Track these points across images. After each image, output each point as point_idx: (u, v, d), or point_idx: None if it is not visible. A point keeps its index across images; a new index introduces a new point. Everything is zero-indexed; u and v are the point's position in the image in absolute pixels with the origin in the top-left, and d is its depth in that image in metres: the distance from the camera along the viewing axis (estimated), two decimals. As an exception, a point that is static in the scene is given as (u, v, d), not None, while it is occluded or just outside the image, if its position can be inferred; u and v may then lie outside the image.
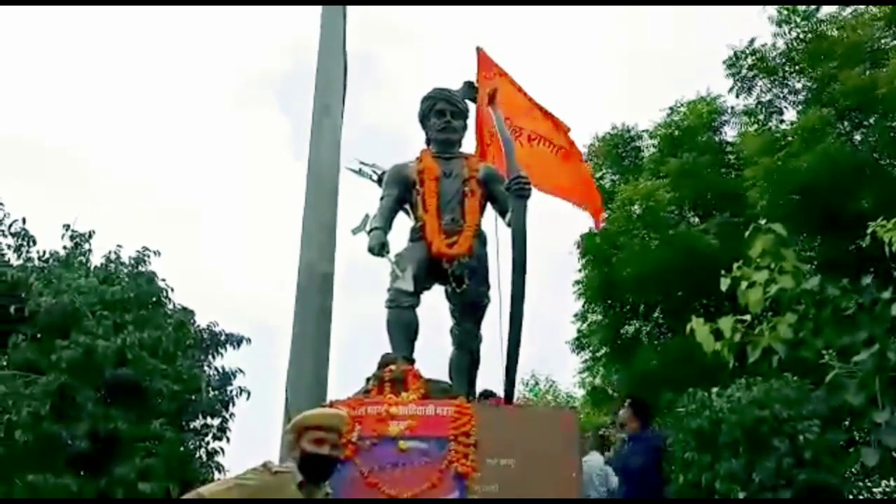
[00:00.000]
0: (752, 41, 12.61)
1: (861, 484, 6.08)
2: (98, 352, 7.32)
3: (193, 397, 8.45)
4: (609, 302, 13.33)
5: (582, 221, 14.53)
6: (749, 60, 12.58)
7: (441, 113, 5.84)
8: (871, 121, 11.46)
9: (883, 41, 11.45)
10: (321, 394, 5.39)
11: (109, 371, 7.40)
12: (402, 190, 5.70)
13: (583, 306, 14.10)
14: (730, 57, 12.69)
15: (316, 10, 6.87)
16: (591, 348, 14.27)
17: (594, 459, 6.37)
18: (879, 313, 3.23)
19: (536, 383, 23.03)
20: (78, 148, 41.43)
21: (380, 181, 6.04)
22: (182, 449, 7.92)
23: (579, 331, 14.36)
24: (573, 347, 14.52)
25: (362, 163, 6.30)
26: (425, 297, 5.53)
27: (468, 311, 5.56)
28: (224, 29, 49.02)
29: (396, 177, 5.76)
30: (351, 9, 7.07)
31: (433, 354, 5.68)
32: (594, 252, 13.06)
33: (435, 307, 5.70)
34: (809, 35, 12.12)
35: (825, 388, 3.53)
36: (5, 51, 35.30)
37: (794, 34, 12.30)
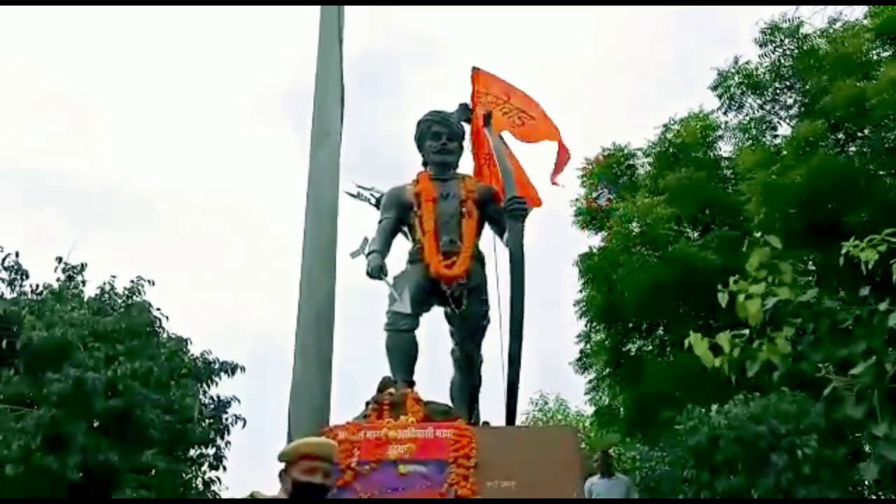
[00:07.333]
0: (736, 59, 12.73)
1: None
2: (88, 384, 7.22)
3: (188, 426, 8.34)
4: (611, 321, 13.24)
5: (580, 238, 14.34)
6: (736, 79, 12.67)
7: (437, 135, 5.87)
8: (865, 132, 11.50)
9: (873, 52, 11.53)
10: (324, 418, 5.30)
11: (101, 403, 7.31)
12: (399, 212, 5.70)
13: (585, 325, 14.00)
14: (715, 79, 12.80)
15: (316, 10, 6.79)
16: (594, 368, 14.16)
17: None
18: (877, 325, 3.20)
19: (546, 402, 22.82)
20: (79, 174, 41.35)
21: (378, 204, 6.04)
22: (177, 479, 7.81)
23: (581, 351, 14.25)
24: (577, 368, 14.41)
25: (360, 187, 6.28)
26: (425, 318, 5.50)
27: (468, 332, 5.54)
28: (222, 39, 48.98)
29: (394, 200, 5.77)
30: (362, 9, 6.93)
31: (435, 376, 5.63)
32: (593, 271, 12.99)
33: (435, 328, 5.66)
34: (797, 51, 12.21)
35: (824, 401, 3.49)
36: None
37: (779, 52, 12.40)
